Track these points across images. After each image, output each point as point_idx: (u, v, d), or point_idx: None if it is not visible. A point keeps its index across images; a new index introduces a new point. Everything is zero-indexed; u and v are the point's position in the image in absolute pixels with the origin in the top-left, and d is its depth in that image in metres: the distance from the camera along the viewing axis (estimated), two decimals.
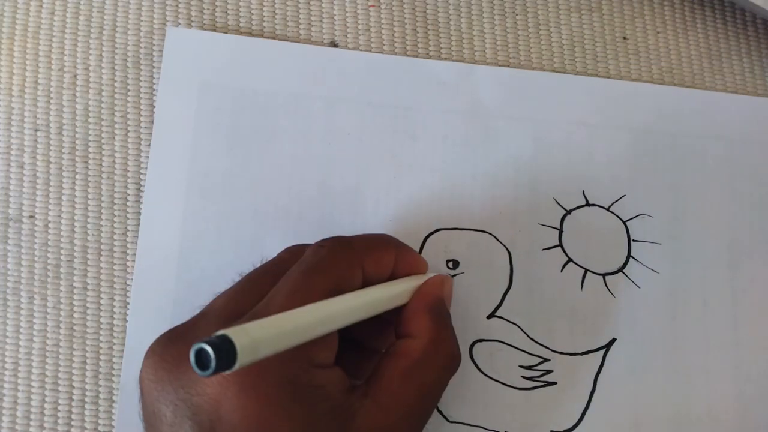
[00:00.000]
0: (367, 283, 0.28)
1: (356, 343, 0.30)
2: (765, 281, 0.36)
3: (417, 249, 0.34)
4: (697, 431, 0.34)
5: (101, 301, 0.34)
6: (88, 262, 0.34)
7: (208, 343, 0.18)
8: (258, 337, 0.19)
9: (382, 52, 0.37)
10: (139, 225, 0.34)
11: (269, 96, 0.35)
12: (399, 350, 0.27)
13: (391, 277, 0.29)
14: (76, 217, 0.34)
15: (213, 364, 0.18)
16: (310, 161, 0.35)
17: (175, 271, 0.33)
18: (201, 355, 0.18)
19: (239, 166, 0.35)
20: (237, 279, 0.29)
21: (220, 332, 0.18)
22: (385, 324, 0.29)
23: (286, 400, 0.24)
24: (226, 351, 0.18)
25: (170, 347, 0.25)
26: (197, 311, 0.27)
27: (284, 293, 0.25)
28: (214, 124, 0.35)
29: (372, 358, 0.30)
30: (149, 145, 0.35)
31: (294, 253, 0.29)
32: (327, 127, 0.35)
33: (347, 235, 0.29)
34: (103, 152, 0.35)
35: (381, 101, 0.36)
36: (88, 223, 0.34)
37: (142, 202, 0.34)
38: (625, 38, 0.39)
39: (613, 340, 0.35)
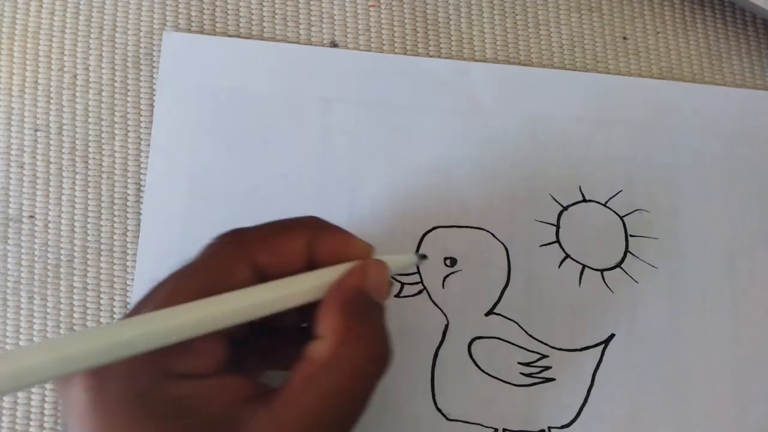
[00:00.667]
0: (268, 277, 0.25)
1: (289, 332, 0.27)
2: (765, 277, 0.36)
3: (414, 247, 0.34)
4: (696, 427, 0.34)
5: (101, 301, 0.34)
6: (88, 262, 0.34)
7: None
8: (24, 365, 0.18)
9: (382, 52, 0.37)
10: (139, 225, 0.34)
11: (267, 97, 0.35)
12: (305, 354, 0.24)
13: (311, 266, 0.26)
14: (76, 217, 0.34)
15: None
16: (309, 161, 0.35)
17: None
18: None
19: (239, 167, 0.35)
20: None
21: None
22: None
23: (136, 417, 0.21)
24: None
25: None
26: None
27: (155, 301, 0.23)
28: (212, 126, 0.35)
29: None
30: (149, 145, 0.35)
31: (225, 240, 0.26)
32: (326, 127, 0.35)
33: (250, 225, 0.27)
34: (103, 152, 0.35)
35: (378, 100, 0.36)
36: (88, 223, 0.34)
37: (142, 202, 0.34)
38: (625, 38, 0.39)
39: (612, 335, 0.34)
